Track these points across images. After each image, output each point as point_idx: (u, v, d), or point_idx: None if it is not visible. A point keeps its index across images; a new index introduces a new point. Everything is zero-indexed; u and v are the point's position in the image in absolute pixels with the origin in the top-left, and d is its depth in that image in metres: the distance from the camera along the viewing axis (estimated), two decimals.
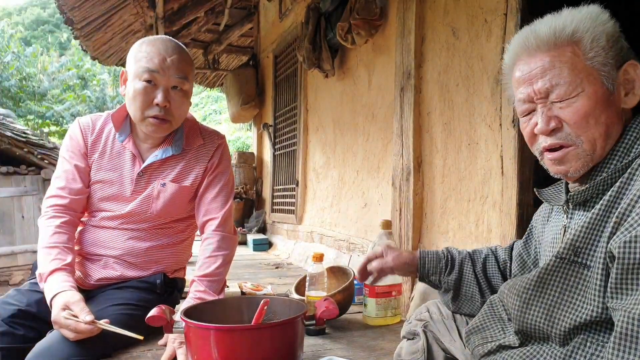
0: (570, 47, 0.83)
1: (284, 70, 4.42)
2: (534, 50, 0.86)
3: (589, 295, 0.78)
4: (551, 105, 0.85)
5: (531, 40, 0.87)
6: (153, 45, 1.46)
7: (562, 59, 0.83)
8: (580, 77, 0.82)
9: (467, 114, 1.88)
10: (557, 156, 0.86)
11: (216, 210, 1.58)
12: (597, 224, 0.80)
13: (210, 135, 1.65)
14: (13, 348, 1.31)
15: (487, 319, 1.01)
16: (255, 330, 1.14)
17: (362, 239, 2.74)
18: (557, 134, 0.85)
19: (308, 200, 3.81)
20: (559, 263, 0.83)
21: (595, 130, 0.82)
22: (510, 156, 1.64)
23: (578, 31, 0.83)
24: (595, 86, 0.82)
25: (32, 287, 1.46)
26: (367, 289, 1.77)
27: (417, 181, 2.17)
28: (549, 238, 0.98)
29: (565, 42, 0.84)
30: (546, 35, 0.85)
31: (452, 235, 1.97)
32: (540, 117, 0.86)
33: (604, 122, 0.83)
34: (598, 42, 0.83)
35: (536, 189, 1.02)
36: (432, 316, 1.18)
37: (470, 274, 1.16)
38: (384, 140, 2.56)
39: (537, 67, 0.85)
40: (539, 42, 0.86)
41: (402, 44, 2.26)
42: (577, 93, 0.82)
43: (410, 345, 1.16)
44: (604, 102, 0.83)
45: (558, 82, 0.83)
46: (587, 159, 0.84)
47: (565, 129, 0.84)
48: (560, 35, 0.84)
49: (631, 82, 0.85)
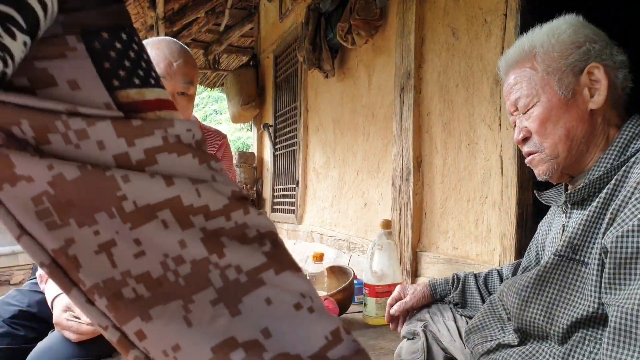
0: (529, 62, 0.91)
1: (284, 70, 4.43)
2: (507, 68, 0.97)
3: (587, 292, 0.79)
4: (522, 116, 0.93)
5: (504, 60, 0.98)
6: (158, 49, 1.46)
7: (523, 74, 0.92)
8: (535, 89, 0.90)
9: (467, 114, 1.89)
10: (528, 161, 0.95)
11: None
12: (593, 221, 0.81)
13: (213, 135, 1.65)
14: (14, 349, 1.31)
15: (486, 318, 1.01)
16: None
17: (362, 239, 2.75)
18: (528, 142, 0.93)
19: (308, 200, 3.81)
20: (557, 261, 0.84)
21: (555, 135, 0.88)
22: (510, 156, 1.64)
23: (534, 46, 0.91)
24: (548, 94, 0.88)
25: (33, 287, 1.46)
26: (367, 288, 1.78)
27: (417, 181, 2.17)
28: (550, 238, 1.00)
29: (525, 58, 0.92)
30: (512, 54, 0.95)
31: (451, 235, 1.98)
32: (515, 128, 0.96)
33: (563, 126, 0.87)
34: (550, 53, 0.89)
35: (536, 190, 1.03)
36: (432, 317, 1.20)
37: (473, 286, 1.22)
38: (384, 140, 2.56)
39: (508, 84, 0.95)
40: (508, 61, 0.96)
41: (402, 45, 2.26)
42: (534, 103, 0.90)
43: (410, 345, 1.16)
44: (560, 108, 0.88)
45: (520, 95, 0.92)
46: (552, 163, 0.90)
47: (533, 138, 0.92)
48: (521, 52, 0.93)
49: (597, 83, 0.87)
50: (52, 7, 0.36)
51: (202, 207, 0.42)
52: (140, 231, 0.41)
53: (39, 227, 0.40)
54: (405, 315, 1.28)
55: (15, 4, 0.33)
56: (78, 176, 0.39)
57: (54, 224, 0.40)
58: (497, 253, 1.70)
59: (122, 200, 0.40)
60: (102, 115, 0.40)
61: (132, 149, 0.41)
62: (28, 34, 0.35)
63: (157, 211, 0.41)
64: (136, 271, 0.41)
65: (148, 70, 0.43)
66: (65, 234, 0.40)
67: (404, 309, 1.26)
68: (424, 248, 2.14)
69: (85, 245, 0.40)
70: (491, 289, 1.21)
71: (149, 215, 0.41)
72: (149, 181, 0.41)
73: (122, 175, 0.40)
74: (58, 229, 0.40)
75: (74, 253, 0.40)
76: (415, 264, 2.16)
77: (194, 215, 0.42)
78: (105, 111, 0.40)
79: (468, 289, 1.22)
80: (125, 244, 0.41)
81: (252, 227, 0.45)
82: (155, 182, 0.41)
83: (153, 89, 0.43)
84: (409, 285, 1.30)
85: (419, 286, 1.27)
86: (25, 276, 5.97)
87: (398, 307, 1.26)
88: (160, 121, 0.42)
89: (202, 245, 0.42)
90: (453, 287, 1.24)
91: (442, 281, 1.26)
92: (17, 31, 0.34)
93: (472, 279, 1.23)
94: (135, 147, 0.41)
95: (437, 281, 1.27)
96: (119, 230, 0.41)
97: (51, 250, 0.41)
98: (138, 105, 0.41)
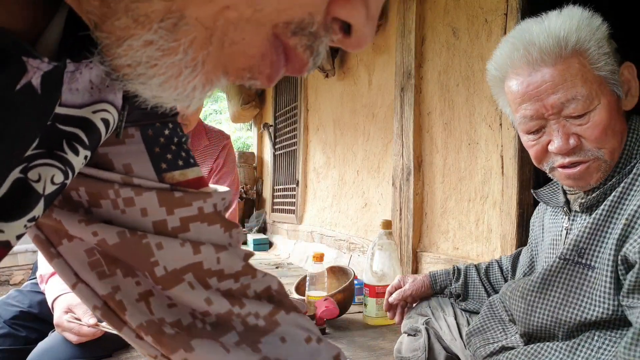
0: (576, 59, 0.79)
1: None
2: (538, 63, 0.81)
3: (595, 297, 0.78)
4: (565, 121, 0.81)
5: (532, 52, 0.81)
6: None
7: (572, 71, 0.79)
8: (593, 89, 0.79)
9: (468, 114, 1.88)
10: (576, 173, 0.82)
11: None
12: (601, 225, 0.80)
13: (216, 135, 1.65)
14: (15, 350, 1.31)
15: (487, 321, 1.01)
16: None
17: (363, 239, 2.75)
18: (577, 151, 0.81)
19: (308, 200, 3.81)
20: (562, 264, 0.83)
21: (614, 141, 0.81)
22: (511, 156, 1.64)
23: (581, 40, 0.79)
24: (608, 96, 0.80)
25: (34, 287, 1.46)
26: (367, 288, 1.77)
27: (417, 181, 2.17)
28: (547, 239, 0.98)
29: (570, 54, 0.79)
30: (550, 47, 0.80)
31: (452, 235, 1.98)
32: (557, 135, 0.81)
33: (619, 130, 0.81)
34: (603, 49, 0.80)
35: (533, 190, 1.02)
36: (432, 311, 1.20)
37: (475, 278, 1.22)
38: (384, 140, 2.56)
39: (545, 82, 0.80)
40: (543, 54, 0.80)
41: (403, 44, 2.26)
42: (595, 106, 0.79)
43: (411, 342, 1.16)
44: (617, 110, 0.81)
45: (573, 96, 0.79)
46: (607, 168, 0.82)
47: (585, 146, 0.80)
48: (566, 46, 0.79)
49: (627, 84, 0.84)
50: (113, 122, 0.42)
51: (218, 271, 0.49)
52: (171, 292, 0.48)
53: (91, 276, 0.47)
54: (404, 305, 1.29)
55: (82, 125, 0.38)
56: (117, 242, 0.45)
57: (104, 273, 0.47)
58: (498, 253, 1.70)
59: (154, 266, 0.46)
60: (149, 187, 0.46)
61: (171, 217, 0.47)
62: (90, 149, 0.40)
63: (183, 274, 0.47)
64: (170, 319, 0.48)
65: (188, 152, 0.51)
66: (112, 282, 0.47)
67: (402, 297, 1.27)
68: (425, 248, 2.14)
69: (128, 292, 0.47)
70: (493, 282, 1.21)
71: (177, 279, 0.47)
72: (179, 249, 0.47)
73: (156, 243, 0.46)
74: (107, 277, 0.47)
75: (120, 298, 0.47)
76: (415, 264, 2.15)
77: (210, 278, 0.49)
78: (153, 183, 0.46)
79: (470, 281, 1.22)
80: (160, 296, 0.48)
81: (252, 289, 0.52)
82: (184, 249, 0.47)
83: (193, 168, 0.50)
84: (408, 275, 1.31)
85: (419, 276, 1.28)
86: (25, 276, 5.96)
87: (397, 296, 1.27)
88: (199, 194, 0.49)
89: (226, 300, 0.49)
90: (454, 279, 1.24)
91: (442, 272, 1.26)
92: (81, 148, 0.39)
93: (474, 271, 1.23)
94: (173, 216, 0.47)
95: (437, 272, 1.27)
96: (154, 286, 0.48)
97: (101, 295, 0.48)
98: (181, 184, 0.49)
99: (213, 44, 0.28)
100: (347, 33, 0.31)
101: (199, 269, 0.48)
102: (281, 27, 0.29)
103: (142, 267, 0.47)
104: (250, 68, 0.30)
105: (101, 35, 0.28)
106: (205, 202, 0.49)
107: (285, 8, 0.28)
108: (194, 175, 0.50)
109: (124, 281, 0.47)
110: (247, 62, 0.30)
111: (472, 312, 1.19)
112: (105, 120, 0.40)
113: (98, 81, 0.39)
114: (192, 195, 0.48)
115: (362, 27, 0.30)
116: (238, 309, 0.49)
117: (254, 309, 0.50)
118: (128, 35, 0.27)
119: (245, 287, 0.51)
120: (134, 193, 0.45)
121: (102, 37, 0.28)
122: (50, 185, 0.37)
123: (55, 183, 0.37)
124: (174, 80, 0.29)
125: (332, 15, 0.30)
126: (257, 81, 0.31)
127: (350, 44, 0.31)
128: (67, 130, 0.37)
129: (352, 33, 0.31)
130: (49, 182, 0.37)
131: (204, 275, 0.48)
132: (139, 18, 0.27)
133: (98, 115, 0.39)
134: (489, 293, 1.19)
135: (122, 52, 0.28)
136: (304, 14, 0.29)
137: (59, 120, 0.37)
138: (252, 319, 0.50)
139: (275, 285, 0.54)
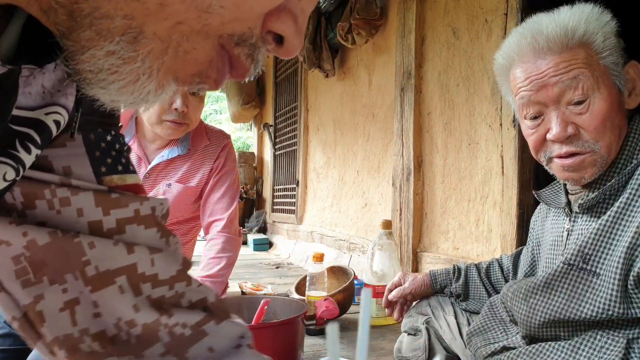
0: (582, 49, 0.80)
1: (284, 70, 4.42)
2: (544, 51, 0.82)
3: (599, 304, 0.77)
4: (565, 109, 0.81)
5: (539, 40, 0.82)
6: None
7: (577, 60, 0.79)
8: (595, 79, 0.79)
9: (468, 114, 1.88)
10: (571, 163, 0.82)
11: (222, 211, 1.58)
12: (608, 231, 0.78)
13: (217, 135, 1.65)
14: (15, 350, 1.31)
15: (488, 321, 1.01)
16: (256, 330, 1.14)
17: (363, 239, 2.74)
18: (574, 141, 0.81)
19: (308, 200, 3.81)
20: (566, 269, 0.82)
21: (611, 134, 0.80)
22: (511, 156, 1.64)
23: (588, 32, 0.80)
24: (609, 87, 0.80)
25: None
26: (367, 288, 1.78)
27: (418, 181, 2.17)
28: (548, 240, 0.97)
29: (577, 44, 0.80)
30: (557, 36, 0.80)
31: (452, 235, 1.98)
32: (555, 123, 0.81)
33: (617, 125, 0.81)
34: (609, 41, 0.80)
35: (534, 190, 1.01)
36: (433, 310, 1.19)
37: (476, 278, 1.21)
38: (384, 140, 2.56)
39: (549, 69, 0.81)
40: (549, 43, 0.81)
41: (403, 44, 2.26)
42: (595, 93, 0.79)
43: (411, 342, 1.16)
44: (618, 104, 0.81)
45: (575, 76, 0.79)
46: (603, 164, 0.81)
47: (583, 136, 0.80)
48: (573, 36, 0.80)
49: (631, 82, 0.84)
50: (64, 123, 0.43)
51: (152, 275, 0.49)
52: (99, 295, 0.46)
53: (15, 284, 0.45)
54: (404, 303, 1.29)
55: (35, 125, 0.40)
56: (48, 242, 0.44)
57: (29, 281, 0.45)
58: (498, 253, 1.70)
59: (86, 265, 0.46)
60: (87, 188, 0.46)
61: (107, 218, 0.47)
62: (41, 148, 0.41)
63: (115, 277, 0.47)
64: (94, 329, 0.47)
65: (128, 160, 0.52)
66: (37, 290, 0.45)
67: (402, 295, 1.26)
68: (425, 248, 2.14)
69: (52, 301, 0.46)
70: (494, 282, 1.21)
71: (108, 280, 0.46)
72: (112, 248, 0.46)
73: (88, 242, 0.45)
74: (31, 285, 0.45)
75: (40, 309, 0.45)
76: (415, 264, 2.15)
77: (144, 283, 0.48)
78: (90, 184, 0.46)
79: (471, 281, 1.21)
80: (86, 304, 0.46)
81: (186, 298, 0.52)
82: (118, 249, 0.46)
83: (132, 174, 0.51)
84: (409, 273, 1.31)
85: (419, 274, 1.28)
86: None
87: (397, 293, 1.27)
88: (136, 196, 0.49)
89: (154, 309, 0.48)
90: (454, 278, 1.23)
91: (442, 271, 1.26)
92: (33, 147, 0.40)
93: (474, 271, 1.23)
94: (109, 217, 0.47)
95: (437, 271, 1.27)
96: (82, 291, 0.46)
97: (22, 305, 0.46)
98: (120, 188, 0.49)
99: (169, 53, 0.32)
100: (279, 43, 0.36)
101: (133, 272, 0.47)
102: (226, 39, 0.33)
103: (73, 267, 0.45)
104: (199, 73, 0.34)
105: (67, 43, 0.31)
106: (142, 205, 0.49)
107: (228, 22, 0.32)
108: (133, 181, 0.51)
109: (49, 289, 0.45)
110: (197, 68, 0.34)
111: (472, 312, 1.18)
112: (56, 121, 0.42)
113: (50, 85, 0.42)
114: (128, 197, 0.48)
115: (293, 38, 0.35)
116: (166, 318, 0.48)
117: (182, 318, 0.49)
118: (92, 45, 0.30)
119: (179, 296, 0.51)
120: (71, 193, 0.45)
121: (68, 44, 0.31)
122: (2, 181, 0.39)
123: (7, 180, 0.39)
124: (132, 85, 0.32)
125: (267, 29, 0.34)
126: (206, 85, 0.35)
127: (283, 53, 0.36)
128: (20, 130, 0.39)
129: (284, 43, 0.36)
130: (1, 178, 0.38)
131: (137, 280, 0.48)
132: (102, 32, 0.30)
133: (50, 117, 0.42)
134: (490, 293, 1.18)
135: (85, 59, 0.31)
136: (244, 28, 0.33)
137: (13, 121, 0.39)
138: (179, 329, 0.49)
139: (212, 297, 0.54)
